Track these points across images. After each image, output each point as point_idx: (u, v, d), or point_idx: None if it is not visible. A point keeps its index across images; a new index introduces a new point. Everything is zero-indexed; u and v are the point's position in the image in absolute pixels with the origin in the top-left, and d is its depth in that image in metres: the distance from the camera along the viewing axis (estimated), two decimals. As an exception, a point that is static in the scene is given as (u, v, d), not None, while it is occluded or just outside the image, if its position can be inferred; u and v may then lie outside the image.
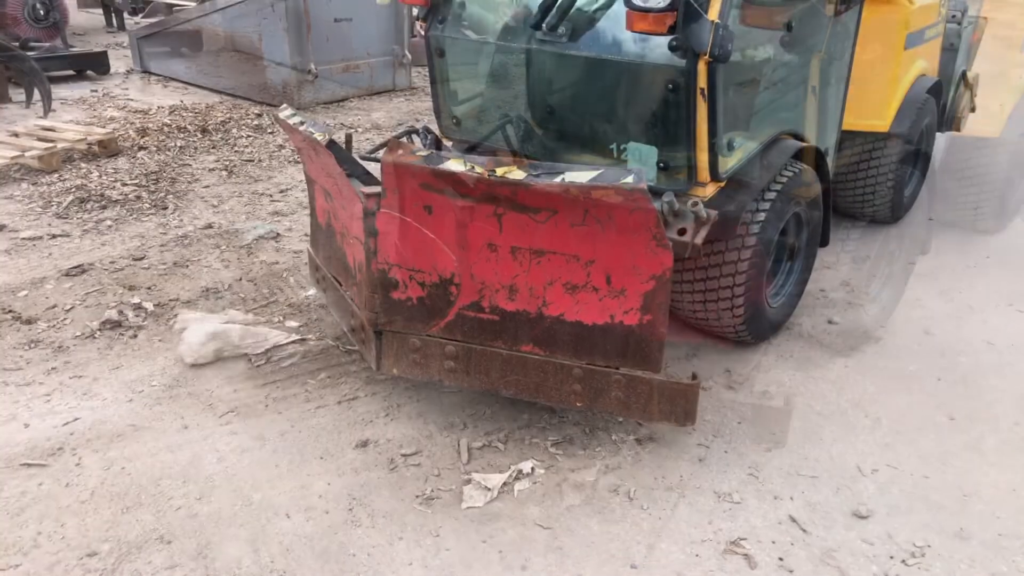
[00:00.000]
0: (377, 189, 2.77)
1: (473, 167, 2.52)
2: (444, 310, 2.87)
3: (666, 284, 2.61)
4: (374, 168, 3.18)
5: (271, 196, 5.58)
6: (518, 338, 2.85)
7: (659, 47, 2.92)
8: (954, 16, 5.61)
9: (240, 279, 4.30)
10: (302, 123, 3.07)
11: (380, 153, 2.95)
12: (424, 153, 2.62)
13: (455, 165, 2.54)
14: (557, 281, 2.74)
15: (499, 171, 2.50)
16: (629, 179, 2.37)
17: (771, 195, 3.36)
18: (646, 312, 2.67)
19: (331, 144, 2.93)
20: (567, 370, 2.81)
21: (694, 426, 2.96)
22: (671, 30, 2.70)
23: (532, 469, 2.89)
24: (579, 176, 2.43)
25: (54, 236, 4.75)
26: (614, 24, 3.09)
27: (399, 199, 2.71)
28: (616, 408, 2.83)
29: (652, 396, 2.78)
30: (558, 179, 2.44)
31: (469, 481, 2.82)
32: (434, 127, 3.88)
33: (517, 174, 2.48)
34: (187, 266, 4.43)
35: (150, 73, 9.62)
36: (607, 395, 2.81)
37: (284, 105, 3.34)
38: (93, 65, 9.28)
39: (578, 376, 2.81)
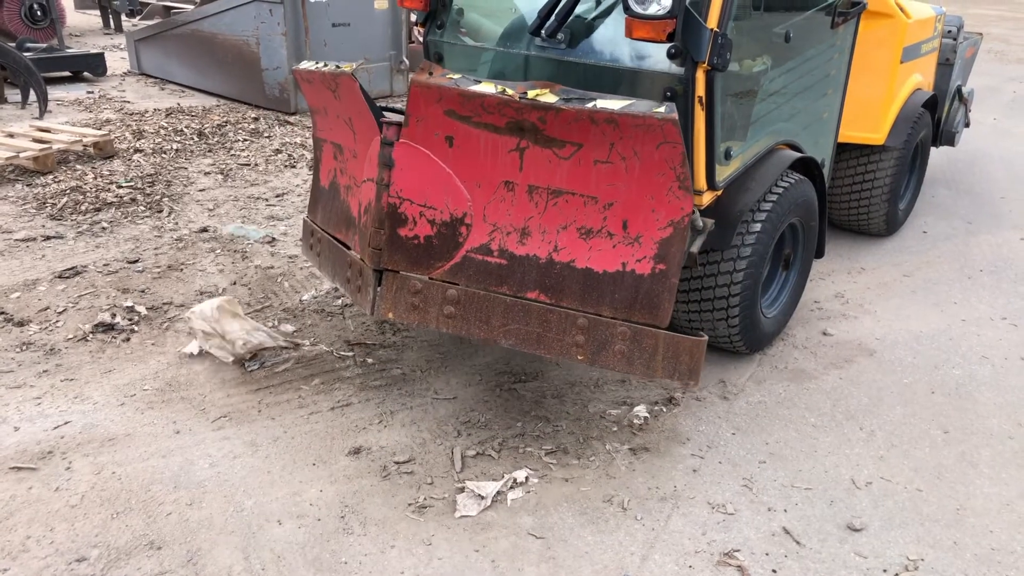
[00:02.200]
0: (399, 119, 2.72)
1: (504, 89, 2.49)
2: (451, 252, 2.80)
3: (683, 232, 2.57)
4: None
5: (267, 200, 5.57)
6: (524, 284, 2.76)
7: (658, 55, 2.93)
8: (950, 31, 5.65)
9: (234, 283, 4.28)
10: (325, 65, 3.03)
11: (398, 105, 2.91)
12: (455, 76, 2.58)
13: (486, 88, 2.51)
14: (572, 225, 2.69)
15: (531, 93, 2.46)
16: (661, 109, 2.37)
17: (767, 205, 3.36)
18: (660, 261, 2.62)
19: (354, 77, 2.88)
20: (571, 320, 2.72)
21: (697, 385, 2.85)
22: (670, 38, 2.71)
23: (526, 478, 2.88)
24: (611, 103, 2.42)
25: (48, 238, 4.73)
26: (613, 31, 3.10)
27: (421, 128, 2.66)
28: (619, 363, 2.74)
29: (657, 351, 2.70)
30: (589, 105, 2.42)
31: (462, 489, 2.81)
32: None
33: (549, 97, 2.45)
34: (181, 269, 4.41)
35: (147, 75, 9.62)
36: (610, 348, 2.72)
37: (303, 61, 3.30)
38: (90, 67, 9.27)
39: (582, 326, 2.71)
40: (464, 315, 2.80)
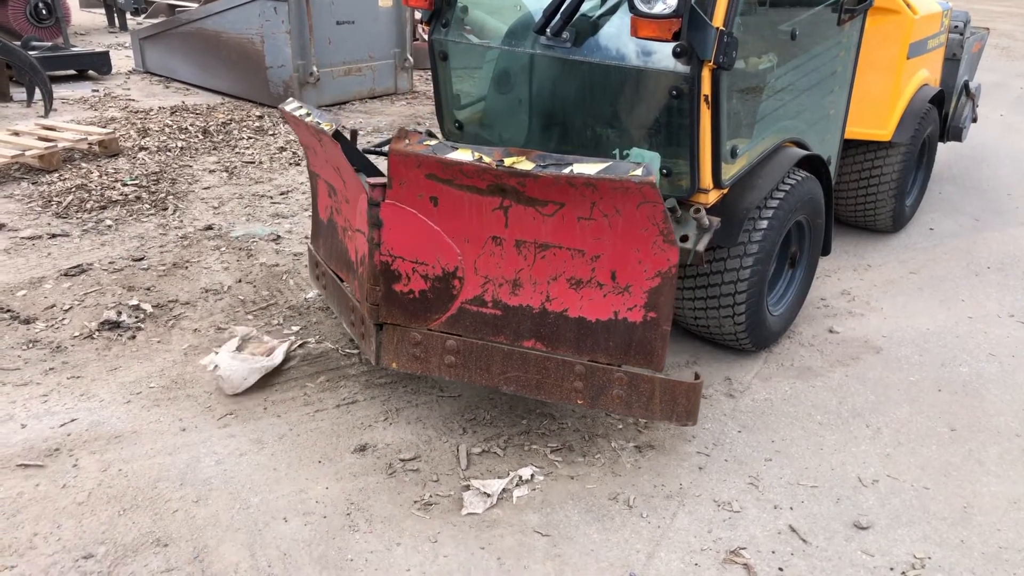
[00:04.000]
0: (383, 180, 2.75)
1: (481, 157, 2.51)
2: (446, 304, 2.85)
3: (671, 281, 2.60)
4: (379, 164, 3.16)
5: (272, 198, 5.57)
6: (520, 333, 2.82)
7: (663, 53, 2.92)
8: (956, 27, 5.62)
9: (240, 281, 4.28)
10: (308, 115, 3.06)
11: (386, 147, 2.94)
12: (432, 143, 2.61)
13: (463, 155, 2.52)
14: (561, 276, 2.72)
15: (507, 161, 2.48)
16: (638, 172, 2.37)
17: (773, 203, 3.35)
18: (650, 309, 2.66)
19: (337, 135, 2.91)
20: (569, 367, 2.78)
21: (695, 425, 2.93)
22: (676, 36, 2.70)
23: (532, 476, 2.88)
24: (587, 168, 2.42)
25: (53, 236, 4.74)
26: (618, 30, 3.09)
27: (405, 190, 2.69)
28: (617, 406, 2.81)
29: (654, 394, 2.76)
30: (566, 170, 2.43)
31: (468, 487, 2.81)
32: (436, 131, 3.87)
33: (525, 164, 2.46)
34: (187, 267, 4.42)
35: (152, 73, 9.63)
36: (608, 393, 2.78)
37: (291, 99, 3.33)
38: (95, 65, 9.28)
39: (580, 373, 2.78)
40: (465, 364, 2.89)
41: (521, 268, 2.75)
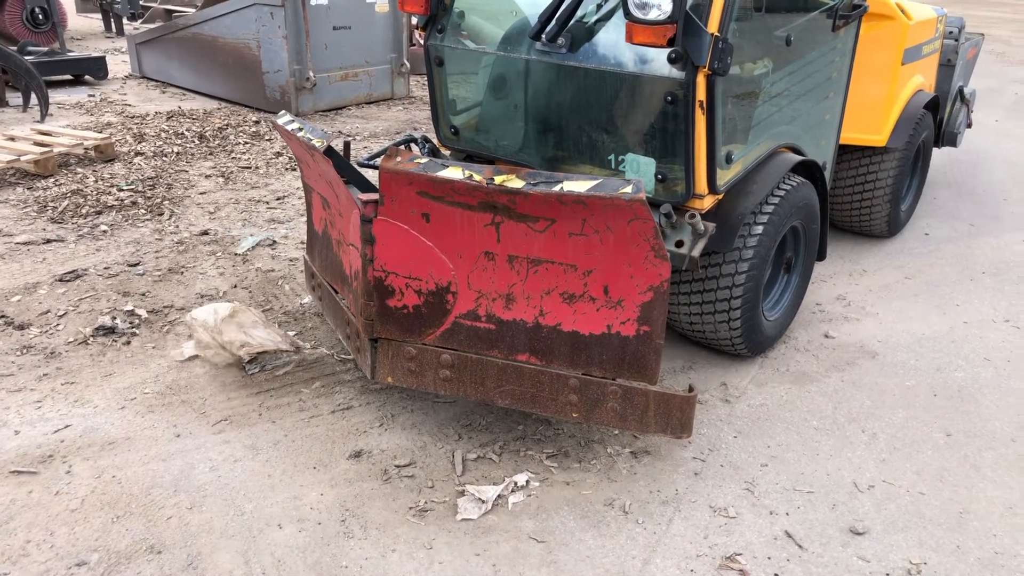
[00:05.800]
0: (375, 196, 2.76)
1: (471, 175, 2.51)
2: (440, 318, 2.86)
3: (664, 295, 2.61)
4: (372, 176, 3.17)
5: (268, 203, 5.57)
6: (514, 347, 2.84)
7: (658, 59, 2.92)
8: (951, 32, 5.64)
9: (235, 286, 4.28)
10: (300, 129, 3.06)
11: (378, 160, 2.95)
12: (422, 160, 2.61)
13: (453, 173, 2.53)
14: (554, 290, 2.74)
15: (497, 179, 2.49)
16: (627, 189, 2.37)
17: (768, 208, 3.36)
18: (643, 323, 2.67)
19: (329, 151, 2.92)
20: (563, 380, 2.80)
21: (690, 438, 2.95)
22: (670, 42, 2.71)
23: (527, 482, 2.87)
24: (577, 185, 2.43)
25: (48, 241, 4.73)
26: (614, 36, 3.09)
27: (397, 206, 2.70)
28: (612, 420, 2.82)
29: (648, 407, 2.77)
30: (556, 188, 2.44)
31: (463, 493, 2.80)
32: (432, 136, 3.87)
33: (515, 183, 2.47)
34: (182, 273, 4.41)
35: (148, 79, 9.63)
36: (603, 406, 2.80)
37: (283, 112, 3.33)
38: (91, 70, 9.29)
39: (574, 386, 2.79)
40: (459, 378, 2.90)
41: (514, 283, 2.76)
